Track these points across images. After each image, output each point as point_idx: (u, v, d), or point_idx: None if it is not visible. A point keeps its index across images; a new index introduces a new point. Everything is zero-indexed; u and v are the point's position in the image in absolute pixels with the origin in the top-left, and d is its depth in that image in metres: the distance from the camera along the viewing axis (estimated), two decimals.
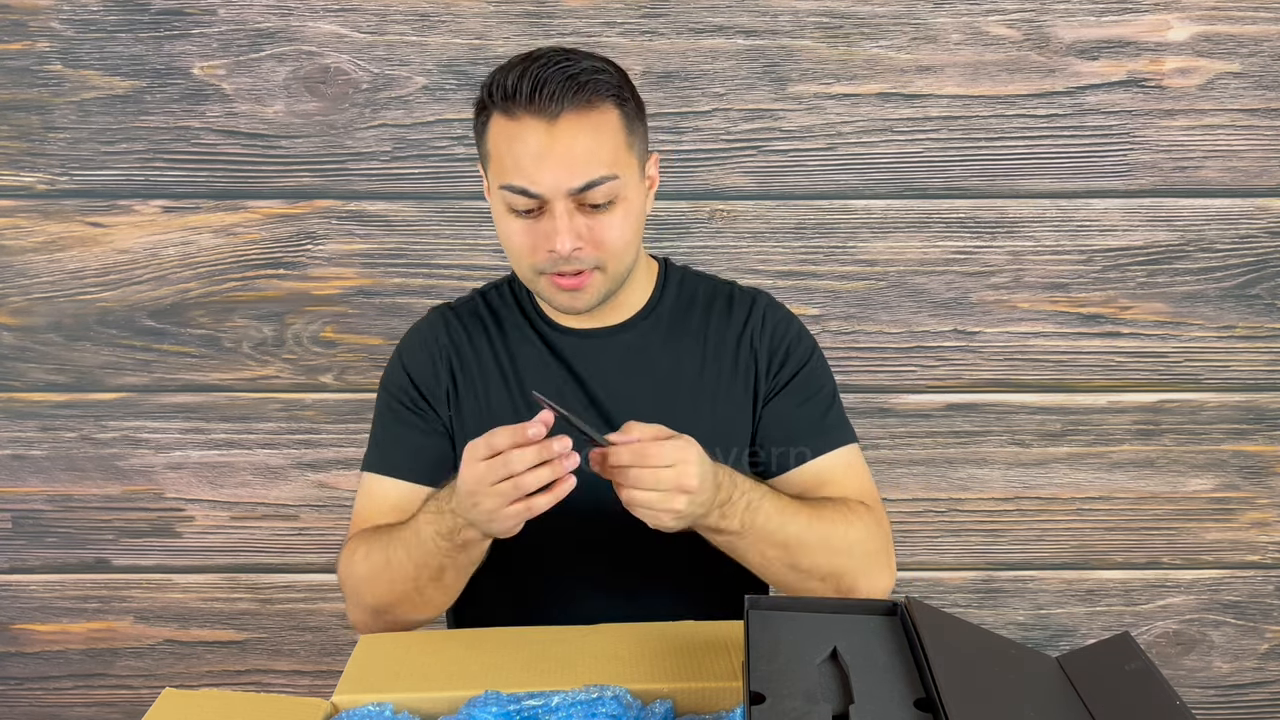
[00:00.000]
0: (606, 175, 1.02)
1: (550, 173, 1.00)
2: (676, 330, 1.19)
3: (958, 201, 1.74)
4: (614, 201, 1.04)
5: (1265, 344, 1.79)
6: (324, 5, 1.67)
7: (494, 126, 1.04)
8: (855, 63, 1.69)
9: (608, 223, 1.04)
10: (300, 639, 1.88)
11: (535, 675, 0.99)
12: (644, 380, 1.17)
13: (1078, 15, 1.68)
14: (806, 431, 1.17)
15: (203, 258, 1.74)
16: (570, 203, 1.02)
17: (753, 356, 1.18)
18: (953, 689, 0.79)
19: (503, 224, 1.06)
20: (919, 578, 1.87)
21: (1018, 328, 1.78)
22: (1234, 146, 1.72)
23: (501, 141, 1.03)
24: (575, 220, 1.02)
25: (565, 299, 1.08)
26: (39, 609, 1.87)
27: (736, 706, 0.92)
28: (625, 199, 1.05)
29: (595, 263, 1.05)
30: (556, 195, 1.01)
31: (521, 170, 1.01)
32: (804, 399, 1.18)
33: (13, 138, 1.70)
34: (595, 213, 1.03)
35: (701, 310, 1.20)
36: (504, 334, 1.17)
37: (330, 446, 1.81)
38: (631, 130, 1.07)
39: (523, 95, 1.00)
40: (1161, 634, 1.90)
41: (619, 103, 1.05)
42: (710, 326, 1.19)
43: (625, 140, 1.05)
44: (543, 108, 1.00)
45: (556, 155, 1.00)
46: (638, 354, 1.17)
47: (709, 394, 1.17)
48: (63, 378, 1.78)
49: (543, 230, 1.03)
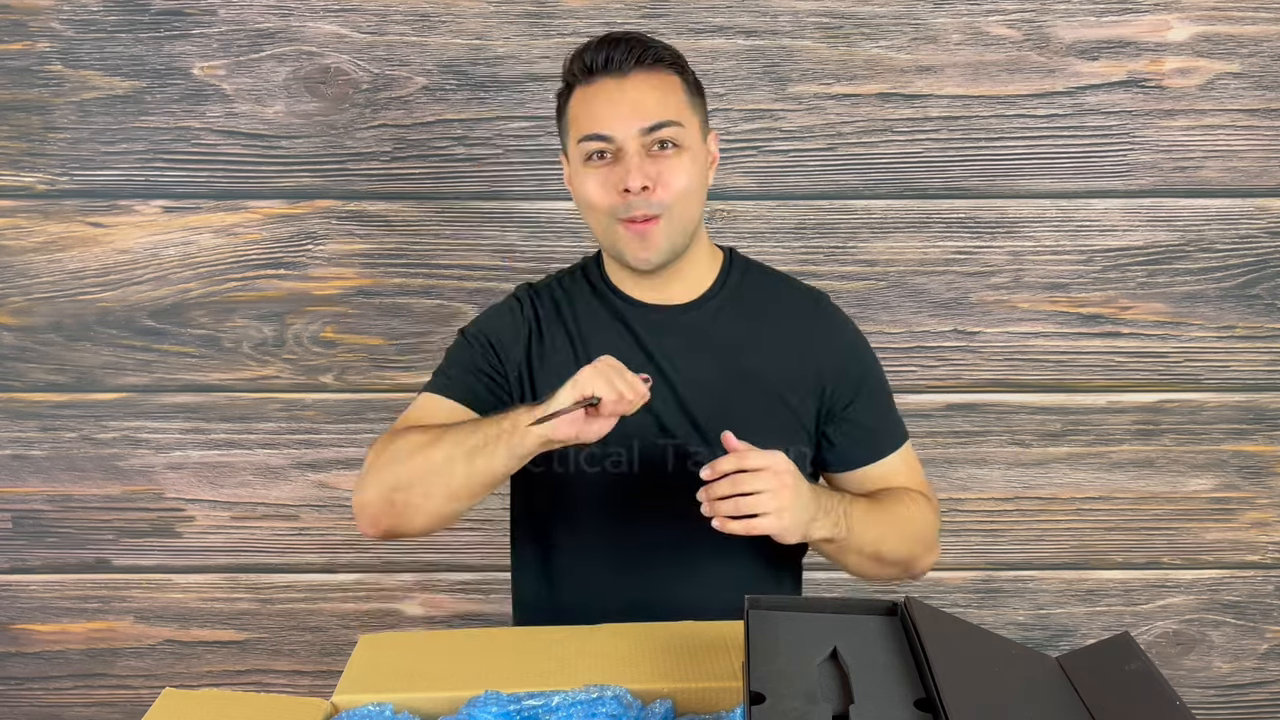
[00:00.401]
0: (672, 119, 1.15)
1: (622, 117, 1.14)
2: (742, 315, 1.26)
3: (958, 201, 1.74)
4: (679, 147, 1.16)
5: (1265, 344, 1.79)
6: (324, 5, 1.67)
7: (575, 97, 1.18)
8: (855, 63, 1.69)
9: (673, 167, 1.15)
10: (300, 639, 1.88)
11: (535, 675, 0.99)
12: (709, 360, 1.24)
13: (1078, 15, 1.68)
14: (872, 438, 1.28)
15: (203, 258, 1.74)
16: (640, 144, 1.14)
17: (821, 365, 1.26)
18: (953, 689, 0.79)
19: (579, 180, 1.18)
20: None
21: (1018, 328, 1.78)
22: (1234, 146, 1.72)
23: (580, 104, 1.17)
24: (644, 163, 1.14)
25: (636, 245, 1.17)
26: (39, 609, 1.87)
27: (736, 706, 0.92)
28: (688, 149, 1.17)
29: (660, 207, 1.15)
30: (628, 137, 1.14)
31: (596, 119, 1.15)
32: (869, 408, 1.28)
33: (13, 138, 1.70)
34: (661, 156, 1.15)
35: (767, 300, 1.28)
36: (575, 311, 1.27)
37: (330, 447, 1.81)
38: (693, 96, 1.20)
39: (598, 64, 1.15)
40: (1161, 634, 1.90)
41: (680, 72, 1.19)
42: (776, 319, 1.27)
43: (688, 101, 1.19)
44: (614, 69, 1.15)
45: (627, 102, 1.14)
46: (703, 334, 1.24)
47: (774, 385, 1.24)
48: (63, 378, 1.78)
49: (616, 175, 1.15)
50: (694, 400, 1.22)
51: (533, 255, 1.74)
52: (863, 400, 1.27)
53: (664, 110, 1.15)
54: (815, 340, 1.26)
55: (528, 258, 1.74)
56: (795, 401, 1.25)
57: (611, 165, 1.15)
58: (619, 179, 1.14)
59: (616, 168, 1.15)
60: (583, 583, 1.26)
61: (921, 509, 1.26)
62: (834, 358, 1.26)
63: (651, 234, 1.16)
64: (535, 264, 1.73)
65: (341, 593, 1.87)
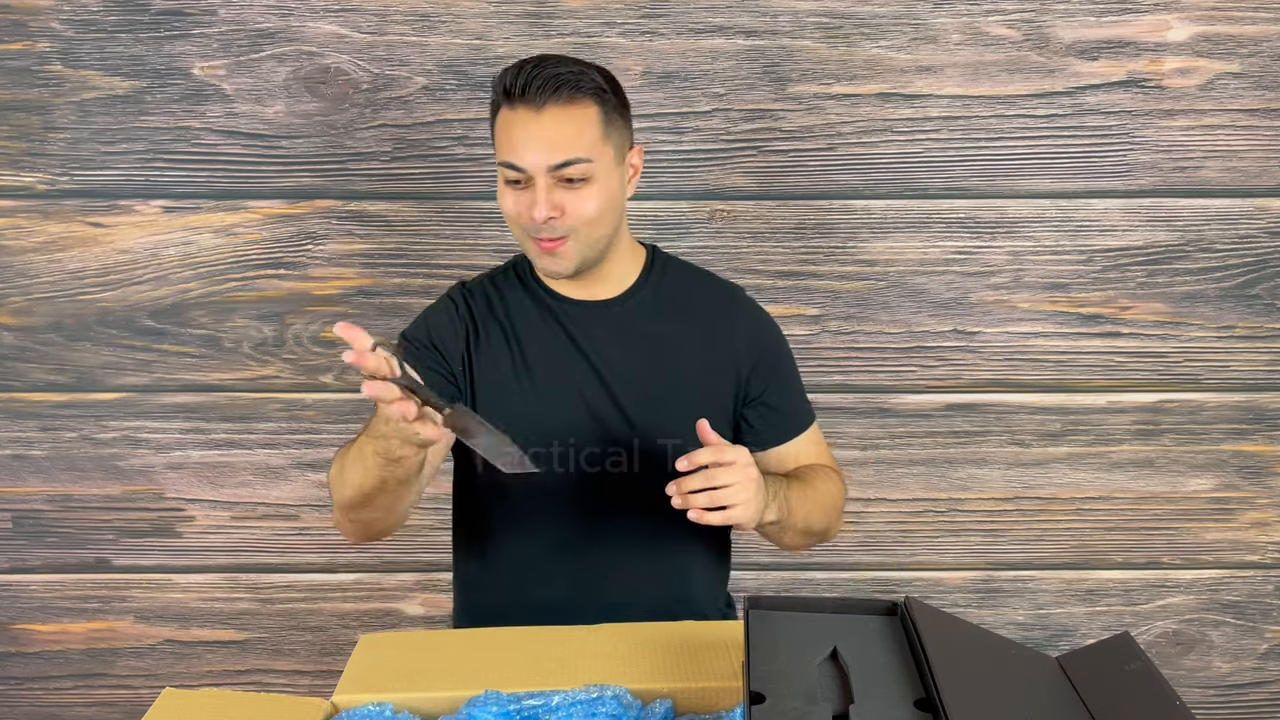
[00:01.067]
0: (580, 157, 1.20)
1: (533, 152, 1.20)
2: (664, 309, 1.33)
3: (958, 201, 1.74)
4: (587, 180, 1.21)
5: (1265, 344, 1.79)
6: (324, 5, 1.67)
7: (500, 117, 1.24)
8: (855, 63, 1.69)
9: (580, 197, 1.21)
10: (300, 639, 1.88)
11: (535, 675, 0.99)
12: (634, 351, 1.31)
13: (1078, 15, 1.68)
14: (786, 419, 1.37)
15: (203, 258, 1.74)
16: (549, 178, 1.20)
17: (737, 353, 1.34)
18: (953, 689, 0.79)
19: (501, 195, 1.25)
20: (919, 578, 1.87)
21: (1017, 328, 1.78)
22: (1234, 146, 1.72)
23: (502, 127, 1.23)
24: (553, 193, 1.21)
25: (546, 260, 1.25)
26: (39, 609, 1.87)
27: (736, 706, 0.92)
28: (598, 180, 1.22)
29: (566, 231, 1.22)
30: (538, 171, 1.20)
31: (513, 149, 1.21)
32: (784, 392, 1.37)
33: (13, 138, 1.70)
34: (570, 188, 1.21)
35: (687, 294, 1.36)
36: (507, 305, 1.33)
37: (330, 446, 1.81)
38: (609, 123, 1.24)
39: (518, 90, 1.20)
40: (1161, 634, 1.90)
41: (598, 100, 1.23)
42: (696, 312, 1.34)
43: (602, 132, 1.23)
44: (531, 100, 1.20)
45: (539, 138, 1.20)
46: (627, 327, 1.32)
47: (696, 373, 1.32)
48: (63, 378, 1.78)
49: (527, 200, 1.22)
50: (622, 390, 1.29)
51: None
52: (776, 385, 1.36)
53: (573, 147, 1.20)
54: (732, 330, 1.34)
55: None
56: (715, 388, 1.33)
57: (524, 190, 1.22)
58: (529, 205, 1.21)
59: (527, 193, 1.22)
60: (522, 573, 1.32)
61: (834, 483, 1.36)
62: (749, 346, 1.34)
63: (561, 251, 1.24)
64: None
65: (341, 593, 1.87)
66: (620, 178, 1.27)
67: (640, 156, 1.31)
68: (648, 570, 1.31)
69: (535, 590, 1.31)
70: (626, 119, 1.28)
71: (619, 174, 1.27)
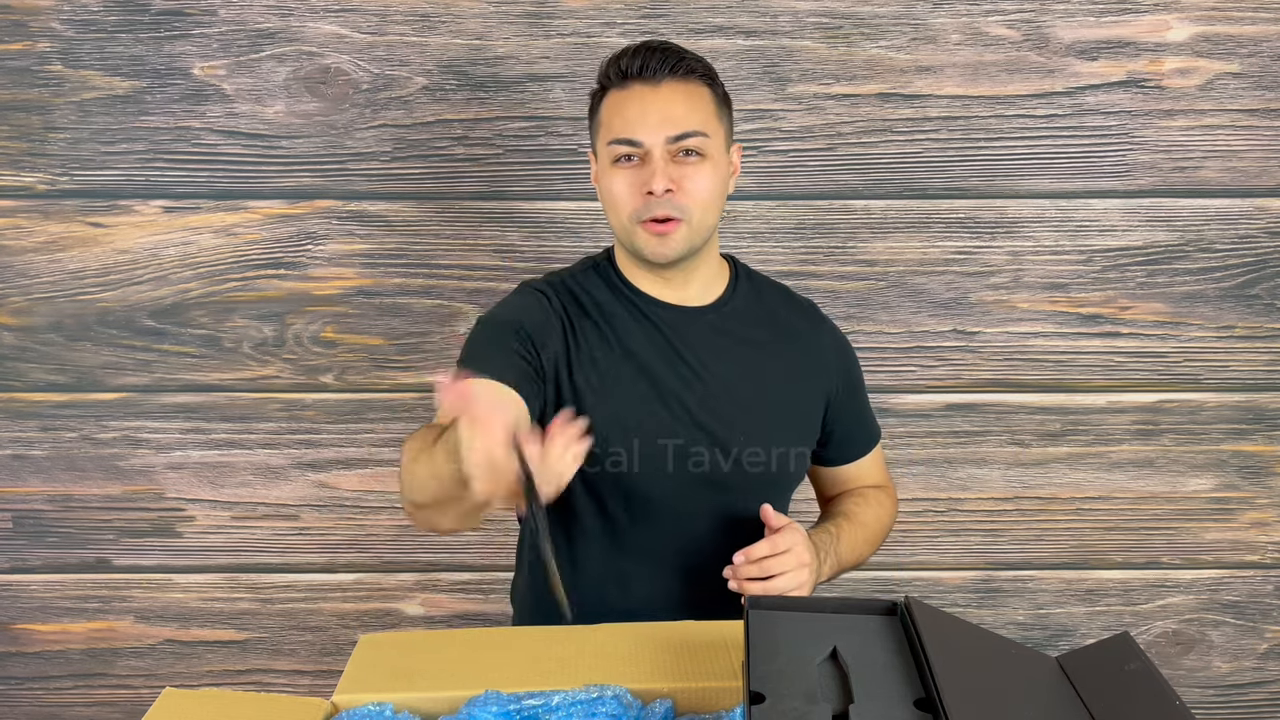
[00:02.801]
0: (698, 130, 1.20)
1: (652, 125, 1.19)
2: (756, 320, 1.32)
3: (958, 201, 1.74)
4: (703, 156, 1.21)
5: (1265, 344, 1.79)
6: (324, 5, 1.67)
7: (608, 100, 1.23)
8: (855, 63, 1.69)
9: (696, 173, 1.20)
10: (300, 639, 1.89)
11: (535, 675, 0.99)
12: (729, 360, 1.29)
13: (1077, 15, 1.68)
14: (859, 436, 1.40)
15: (203, 258, 1.74)
16: (666, 151, 1.19)
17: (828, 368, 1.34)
18: (953, 689, 0.79)
19: (607, 179, 1.23)
20: (919, 578, 1.87)
21: (1017, 328, 1.78)
22: (1234, 146, 1.72)
23: (613, 108, 1.22)
24: (669, 168, 1.19)
25: (655, 243, 1.21)
26: (39, 609, 1.87)
27: (736, 706, 0.92)
28: (712, 158, 1.22)
29: (682, 211, 1.20)
30: (656, 143, 1.19)
31: (628, 124, 1.20)
32: (858, 408, 1.39)
33: (13, 138, 1.70)
34: (686, 163, 1.20)
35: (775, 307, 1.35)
36: (599, 306, 1.28)
37: (330, 446, 1.81)
38: (721, 109, 1.25)
39: (634, 69, 1.20)
40: (1161, 634, 1.90)
41: (710, 84, 1.24)
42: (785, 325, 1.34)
43: (716, 112, 1.24)
44: (649, 76, 1.20)
45: (658, 110, 1.19)
46: (722, 334, 1.30)
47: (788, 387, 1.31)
48: (63, 378, 1.78)
49: (642, 177, 1.20)
50: (719, 399, 1.26)
51: (532, 255, 1.74)
52: (856, 401, 1.39)
53: (692, 120, 1.20)
54: (822, 348, 1.35)
55: (527, 258, 1.74)
56: (806, 404, 1.33)
57: (638, 168, 1.20)
58: (644, 181, 1.19)
59: (642, 170, 1.20)
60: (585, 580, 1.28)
61: (886, 508, 1.39)
62: (837, 366, 1.35)
63: (671, 235, 1.21)
64: (535, 264, 1.73)
65: (341, 593, 1.87)
66: (726, 168, 1.26)
67: (740, 156, 1.30)
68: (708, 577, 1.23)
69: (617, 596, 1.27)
70: (731, 114, 1.28)
71: (726, 164, 1.26)
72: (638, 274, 1.29)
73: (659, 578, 1.27)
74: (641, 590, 1.27)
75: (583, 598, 1.25)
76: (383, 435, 1.80)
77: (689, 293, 1.29)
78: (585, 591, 1.26)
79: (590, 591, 1.26)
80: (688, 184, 1.19)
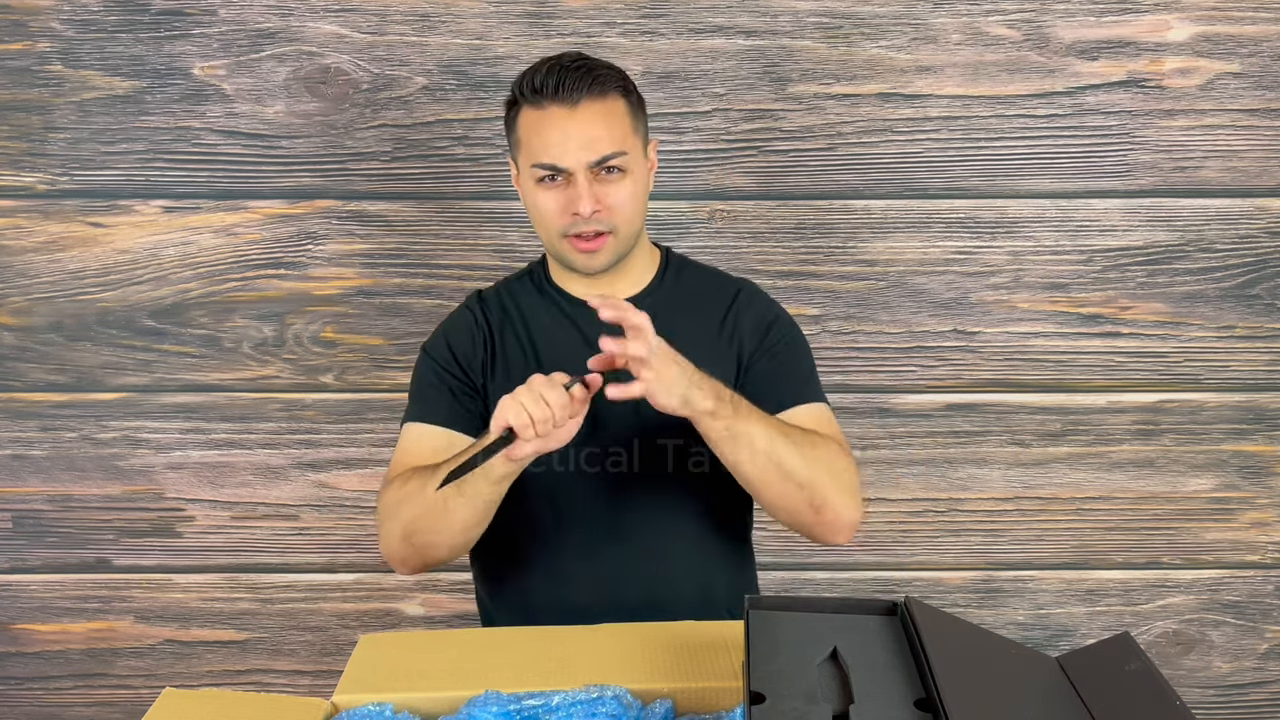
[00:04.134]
0: (618, 150, 1.22)
1: (573, 150, 1.20)
2: (677, 307, 1.32)
3: (958, 201, 1.74)
4: (624, 173, 1.23)
5: (1265, 344, 1.79)
6: (324, 5, 1.67)
7: (524, 117, 1.24)
8: (855, 63, 1.69)
9: (619, 189, 1.23)
10: (300, 639, 1.88)
11: (535, 675, 0.99)
12: None
13: (1078, 15, 1.68)
14: (782, 387, 1.31)
15: (203, 258, 1.74)
16: (589, 173, 1.21)
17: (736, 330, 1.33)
18: (953, 689, 0.79)
19: (532, 197, 1.25)
20: (919, 578, 1.87)
21: (1018, 328, 1.78)
22: (1234, 146, 1.72)
23: (531, 127, 1.23)
24: (593, 188, 1.21)
25: (584, 258, 1.25)
26: (39, 609, 1.87)
27: (736, 706, 0.92)
28: (632, 173, 1.24)
29: (609, 225, 1.23)
30: (579, 167, 1.21)
31: (549, 149, 1.21)
32: (782, 364, 1.33)
33: (13, 138, 1.70)
34: (609, 181, 1.22)
35: (699, 293, 1.35)
36: (523, 314, 1.34)
37: (330, 446, 1.81)
38: (635, 118, 1.27)
39: (549, 89, 1.21)
40: (1161, 634, 1.90)
41: (625, 94, 1.26)
42: (708, 309, 1.34)
43: (631, 125, 1.25)
44: (565, 98, 1.20)
45: (578, 134, 1.20)
46: None
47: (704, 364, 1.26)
48: (63, 378, 1.78)
49: (568, 197, 1.22)
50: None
51: (532, 255, 1.73)
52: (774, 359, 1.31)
53: (611, 141, 1.22)
54: (738, 321, 1.33)
55: (527, 258, 1.73)
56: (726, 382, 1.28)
57: (562, 188, 1.23)
58: (570, 201, 1.22)
59: (568, 190, 1.22)
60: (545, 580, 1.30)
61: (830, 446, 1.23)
62: (752, 331, 1.33)
63: (599, 249, 1.24)
64: None
65: (341, 593, 1.87)
66: (647, 172, 1.29)
67: (655, 151, 1.33)
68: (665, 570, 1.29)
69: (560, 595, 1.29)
70: (645, 113, 1.30)
71: (645, 168, 1.28)
72: (565, 277, 1.33)
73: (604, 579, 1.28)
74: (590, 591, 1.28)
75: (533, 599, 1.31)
76: (383, 435, 1.80)
77: (615, 288, 1.31)
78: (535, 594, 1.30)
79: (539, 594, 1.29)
80: (611, 200, 1.22)
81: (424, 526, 1.19)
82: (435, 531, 1.19)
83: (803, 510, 1.20)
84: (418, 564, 1.24)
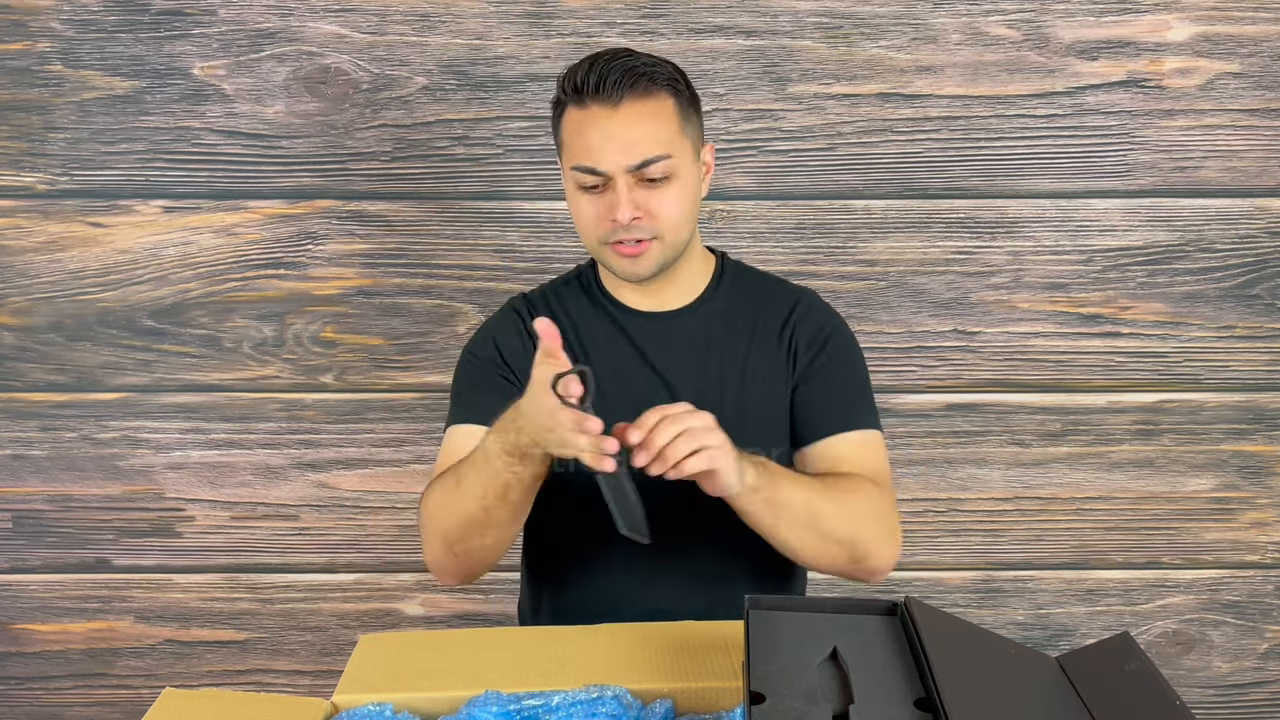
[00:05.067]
0: (661, 154, 1.15)
1: (613, 153, 1.14)
2: (733, 317, 1.28)
3: (958, 201, 1.74)
4: (669, 178, 1.16)
5: (1265, 344, 1.79)
6: (324, 5, 1.67)
7: (567, 117, 1.18)
8: (855, 63, 1.69)
9: (662, 196, 1.16)
10: (300, 639, 1.88)
11: (535, 675, 0.99)
12: (703, 362, 1.26)
13: (1077, 15, 1.68)
14: (832, 410, 1.25)
15: (203, 258, 1.74)
16: (630, 178, 1.15)
17: (793, 341, 1.27)
18: (953, 689, 0.79)
19: (574, 201, 1.20)
20: (919, 578, 1.87)
21: (1018, 328, 1.78)
22: (1234, 146, 1.72)
23: (572, 129, 1.17)
24: (634, 194, 1.15)
25: (627, 264, 1.19)
26: (39, 609, 1.87)
27: (736, 706, 0.92)
28: (679, 177, 1.17)
29: (652, 232, 1.17)
30: (618, 171, 1.15)
31: (589, 151, 1.15)
32: (832, 385, 1.27)
33: (13, 138, 1.70)
34: (652, 187, 1.16)
35: (756, 301, 1.30)
36: (573, 320, 1.28)
37: (330, 446, 1.81)
38: (686, 118, 1.19)
39: (589, 87, 1.14)
40: (1161, 634, 1.90)
41: (674, 92, 1.18)
42: (765, 319, 1.29)
43: (680, 126, 1.18)
44: (607, 96, 1.14)
45: (618, 136, 1.14)
46: (697, 337, 1.26)
47: (764, 384, 1.26)
48: (63, 378, 1.78)
49: (607, 203, 1.16)
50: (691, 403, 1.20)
51: (533, 255, 1.74)
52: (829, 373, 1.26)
53: (654, 144, 1.15)
54: (794, 325, 1.28)
55: (527, 258, 1.74)
56: (779, 400, 1.26)
57: (602, 194, 1.17)
58: (609, 208, 1.16)
59: (607, 196, 1.16)
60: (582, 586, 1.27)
61: (868, 492, 1.19)
62: (806, 336, 1.27)
63: (643, 255, 1.18)
64: (535, 264, 1.73)
65: (341, 593, 1.87)
66: (698, 175, 1.22)
67: (712, 154, 1.27)
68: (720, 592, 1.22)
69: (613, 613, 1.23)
70: (700, 113, 1.24)
71: (696, 171, 1.22)
72: (616, 284, 1.28)
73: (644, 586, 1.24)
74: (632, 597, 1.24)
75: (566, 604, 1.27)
76: (383, 435, 1.80)
77: (666, 297, 1.27)
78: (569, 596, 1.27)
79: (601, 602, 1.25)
80: (655, 206, 1.16)
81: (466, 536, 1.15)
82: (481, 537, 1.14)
83: (843, 564, 1.18)
84: (465, 574, 1.20)
